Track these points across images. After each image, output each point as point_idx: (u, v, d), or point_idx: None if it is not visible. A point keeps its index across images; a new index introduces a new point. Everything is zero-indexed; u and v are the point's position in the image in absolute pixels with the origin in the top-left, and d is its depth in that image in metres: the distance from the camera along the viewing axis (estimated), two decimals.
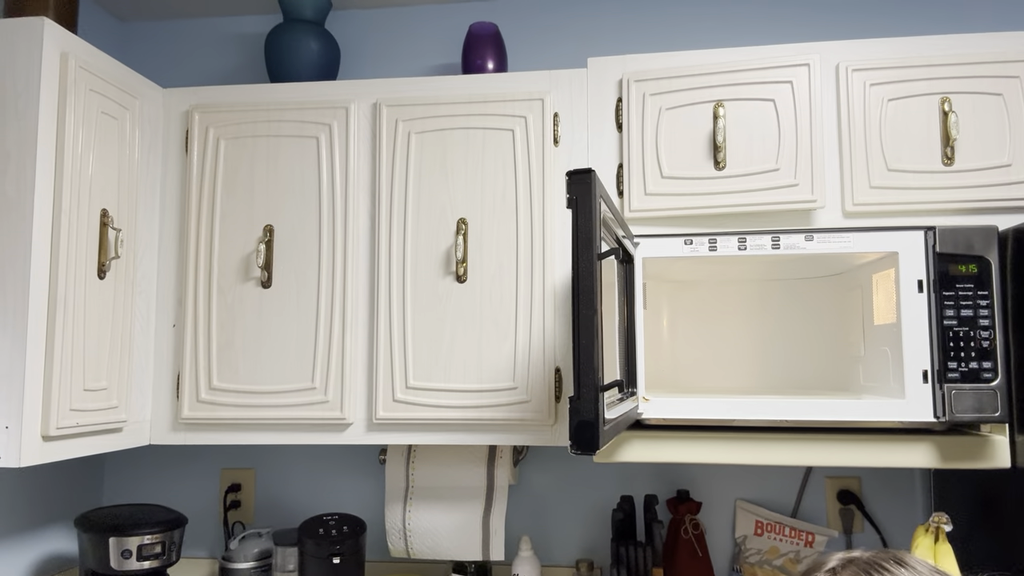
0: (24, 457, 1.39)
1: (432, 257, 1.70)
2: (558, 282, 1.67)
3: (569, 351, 1.66)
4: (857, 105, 1.58)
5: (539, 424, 1.64)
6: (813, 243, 1.47)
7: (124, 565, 1.69)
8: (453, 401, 1.66)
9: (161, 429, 1.76)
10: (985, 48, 1.57)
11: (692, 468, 1.95)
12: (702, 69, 1.63)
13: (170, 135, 1.82)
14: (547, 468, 1.99)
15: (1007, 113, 1.54)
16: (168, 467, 2.12)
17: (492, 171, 1.70)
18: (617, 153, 1.68)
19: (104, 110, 1.60)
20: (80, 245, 1.52)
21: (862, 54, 1.61)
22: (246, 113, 1.78)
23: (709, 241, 1.52)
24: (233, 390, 1.72)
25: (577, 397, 1.12)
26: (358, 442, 1.70)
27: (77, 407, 1.51)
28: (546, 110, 1.69)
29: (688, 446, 1.53)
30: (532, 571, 1.81)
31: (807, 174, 1.57)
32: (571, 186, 1.14)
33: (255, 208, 1.76)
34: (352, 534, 1.79)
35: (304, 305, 1.72)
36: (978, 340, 1.41)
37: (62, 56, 1.49)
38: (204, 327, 1.74)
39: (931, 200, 1.54)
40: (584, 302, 1.12)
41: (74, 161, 1.50)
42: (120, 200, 1.65)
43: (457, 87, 1.75)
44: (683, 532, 1.81)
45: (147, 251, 1.77)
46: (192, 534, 2.10)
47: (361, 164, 1.76)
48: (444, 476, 1.84)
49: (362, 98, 1.78)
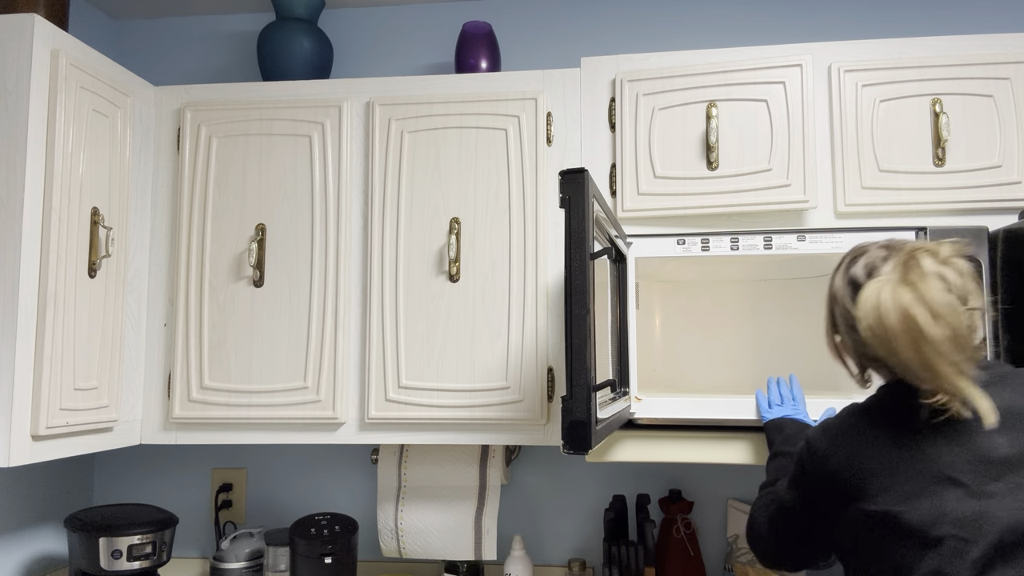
0: (13, 457, 1.38)
1: (425, 256, 1.70)
2: (551, 282, 1.68)
3: (562, 351, 1.66)
4: (849, 106, 1.59)
5: (531, 423, 1.64)
6: (805, 243, 1.48)
7: (114, 565, 1.68)
8: (445, 400, 1.66)
9: (152, 429, 1.75)
10: (976, 50, 1.58)
11: (684, 468, 1.96)
12: (695, 69, 1.63)
13: (162, 133, 1.81)
14: (539, 468, 2.00)
15: (998, 114, 1.54)
16: (159, 467, 2.11)
17: (485, 170, 1.70)
18: (610, 153, 1.68)
19: (95, 108, 1.59)
20: (70, 244, 1.51)
21: (854, 55, 1.61)
22: (238, 111, 1.77)
23: (702, 241, 1.52)
24: (225, 389, 1.71)
25: (569, 396, 1.12)
26: (350, 442, 1.70)
27: (67, 406, 1.50)
28: (539, 110, 1.69)
29: (680, 446, 1.53)
30: (524, 571, 1.81)
31: (799, 174, 1.57)
32: (564, 186, 1.14)
33: (247, 207, 1.75)
34: (344, 534, 1.78)
35: (296, 304, 1.72)
36: None
37: (53, 53, 1.48)
38: (196, 326, 1.73)
39: (922, 201, 1.55)
40: (577, 302, 1.12)
41: (64, 159, 1.49)
42: (111, 198, 1.64)
43: (450, 86, 1.75)
44: (675, 531, 1.81)
45: (138, 250, 1.76)
46: (183, 534, 2.09)
47: (354, 163, 1.76)
48: (436, 476, 1.84)
49: (355, 97, 1.77)
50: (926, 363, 0.98)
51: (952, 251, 1.05)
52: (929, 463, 0.98)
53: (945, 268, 1.02)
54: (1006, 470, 0.96)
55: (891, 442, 1.02)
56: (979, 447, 0.98)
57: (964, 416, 0.99)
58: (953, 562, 0.93)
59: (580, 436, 1.11)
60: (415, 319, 1.68)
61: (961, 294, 1.01)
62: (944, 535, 0.94)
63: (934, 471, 0.98)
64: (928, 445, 0.99)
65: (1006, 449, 0.97)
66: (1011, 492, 0.95)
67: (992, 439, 0.98)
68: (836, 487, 1.05)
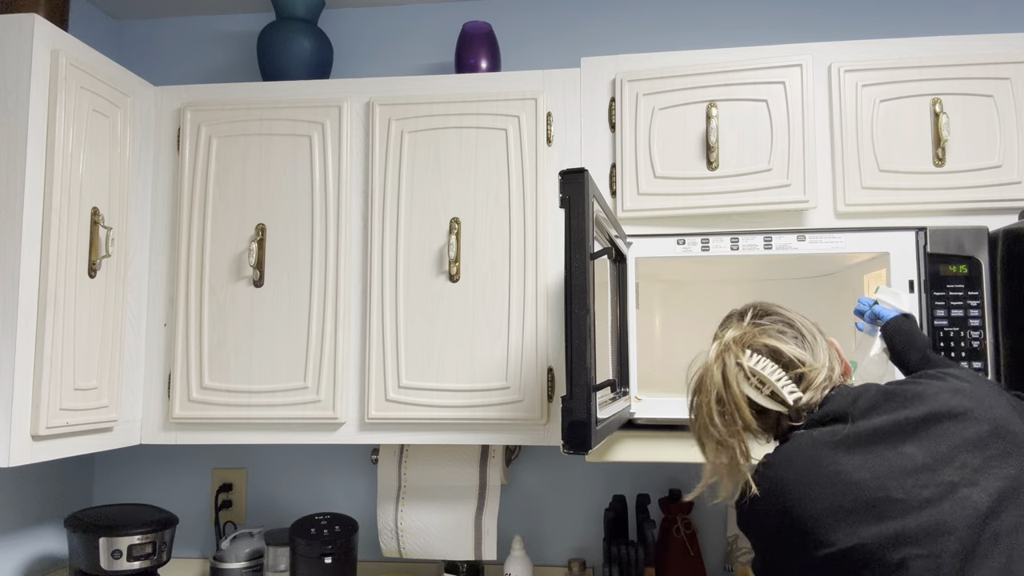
0: (13, 457, 1.38)
1: (425, 256, 1.70)
2: (551, 282, 1.67)
3: (561, 351, 1.66)
4: (849, 106, 1.59)
5: (531, 423, 1.64)
6: (805, 243, 1.48)
7: (114, 565, 1.68)
8: (445, 400, 1.66)
9: (152, 429, 1.75)
10: (976, 50, 1.58)
11: (684, 467, 1.95)
12: (695, 69, 1.63)
13: (162, 133, 1.81)
14: (539, 468, 2.00)
15: (998, 114, 1.54)
16: (159, 467, 2.11)
17: (485, 170, 1.70)
18: (610, 153, 1.68)
19: (95, 108, 1.59)
20: (70, 244, 1.51)
21: (854, 55, 1.61)
22: (238, 111, 1.77)
23: (702, 241, 1.52)
24: (225, 389, 1.71)
25: (569, 397, 1.12)
26: (350, 442, 1.70)
27: (67, 406, 1.50)
28: (539, 110, 1.69)
29: (680, 446, 1.53)
30: (524, 571, 1.81)
31: (799, 174, 1.57)
32: (564, 185, 1.14)
33: (247, 207, 1.75)
34: (344, 534, 1.78)
35: (296, 304, 1.72)
36: (968, 340, 1.42)
37: (53, 53, 1.48)
38: (196, 326, 1.73)
39: (922, 201, 1.55)
40: (577, 302, 1.12)
41: (64, 159, 1.49)
42: (111, 198, 1.64)
43: (450, 86, 1.75)
44: (675, 531, 1.81)
45: (138, 250, 1.76)
46: (183, 534, 2.09)
47: (354, 163, 1.76)
48: (436, 476, 1.84)
49: (355, 97, 1.77)
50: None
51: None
52: (860, 489, 0.96)
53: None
54: (930, 474, 0.94)
55: (817, 482, 0.99)
56: (896, 463, 0.96)
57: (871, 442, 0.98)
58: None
59: (580, 436, 1.11)
60: (415, 319, 1.68)
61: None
62: (905, 556, 0.91)
63: (867, 496, 0.95)
64: (852, 472, 0.97)
65: (921, 457, 0.96)
66: (946, 494, 0.93)
67: (904, 452, 0.96)
68: (785, 539, 1.01)
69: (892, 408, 1.01)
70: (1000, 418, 0.98)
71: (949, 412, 0.99)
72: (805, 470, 1.00)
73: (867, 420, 1.01)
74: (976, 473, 0.94)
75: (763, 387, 1.07)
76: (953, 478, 0.94)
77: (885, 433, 0.98)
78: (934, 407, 0.99)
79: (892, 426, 0.99)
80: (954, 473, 0.95)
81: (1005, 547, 0.91)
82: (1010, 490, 0.94)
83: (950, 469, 0.95)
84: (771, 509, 1.02)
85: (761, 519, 1.03)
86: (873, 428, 0.99)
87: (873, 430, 0.99)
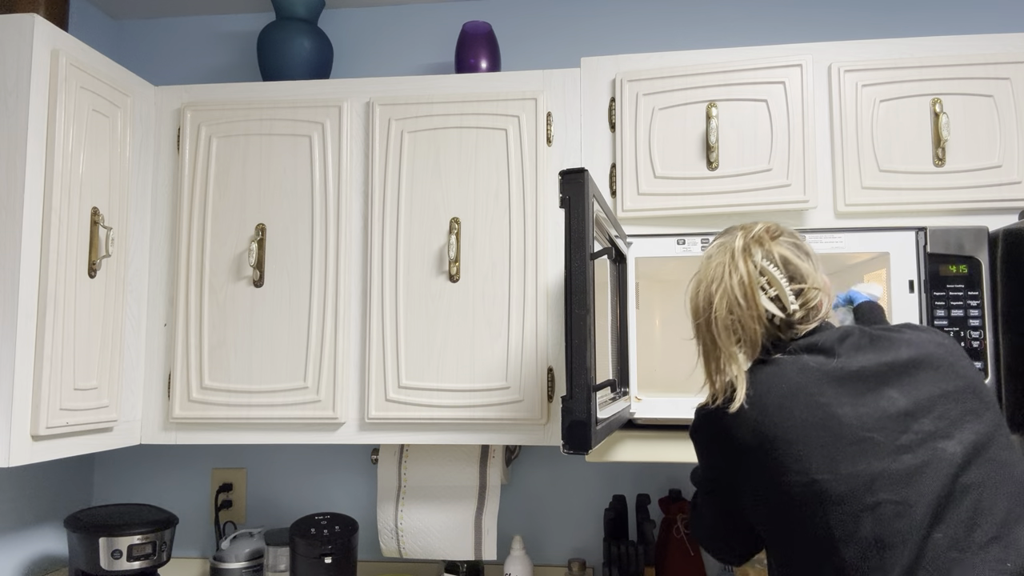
0: (13, 457, 1.38)
1: (425, 256, 1.70)
2: (551, 282, 1.68)
3: (562, 350, 1.66)
4: (849, 106, 1.59)
5: (531, 423, 1.64)
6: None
7: (114, 565, 1.68)
8: (445, 400, 1.66)
9: (152, 429, 1.75)
10: (976, 50, 1.58)
11: (684, 467, 1.95)
12: (695, 69, 1.63)
13: (162, 133, 1.81)
14: (539, 468, 2.00)
15: (998, 114, 1.54)
16: (159, 467, 2.11)
17: (485, 170, 1.70)
18: (610, 153, 1.68)
19: (95, 108, 1.59)
20: (70, 244, 1.51)
21: (854, 55, 1.61)
22: (238, 111, 1.77)
23: (702, 241, 1.52)
24: (225, 389, 1.71)
25: (569, 396, 1.12)
26: (350, 442, 1.70)
27: (67, 406, 1.50)
28: (539, 110, 1.69)
29: (680, 446, 1.53)
30: (524, 571, 1.81)
31: (799, 174, 1.57)
32: (564, 185, 1.14)
33: (247, 207, 1.75)
34: (344, 534, 1.78)
35: (296, 304, 1.72)
36: (968, 340, 1.42)
37: (52, 53, 1.48)
38: (196, 326, 1.73)
39: (922, 201, 1.55)
40: (576, 302, 1.12)
41: (64, 159, 1.49)
42: (111, 198, 1.64)
43: (450, 86, 1.75)
44: (675, 531, 1.81)
45: (138, 250, 1.76)
46: (183, 534, 2.09)
47: (354, 163, 1.76)
48: (436, 476, 1.84)
49: (355, 97, 1.77)
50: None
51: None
52: (841, 425, 0.97)
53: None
54: (910, 421, 0.96)
55: (799, 406, 1.00)
56: (879, 404, 0.98)
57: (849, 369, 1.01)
58: (894, 525, 0.91)
59: (580, 436, 1.11)
60: (415, 319, 1.68)
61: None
62: (880, 500, 0.92)
63: (848, 434, 0.96)
64: (836, 406, 0.98)
65: (903, 402, 0.98)
66: (923, 443, 0.95)
67: (886, 395, 0.98)
68: (750, 458, 1.01)
69: (878, 350, 1.03)
70: (974, 377, 1.02)
71: (932, 362, 1.01)
72: (789, 393, 1.01)
73: (852, 358, 1.02)
74: (952, 426, 0.97)
75: (769, 288, 1.09)
76: (930, 428, 0.96)
77: (870, 374, 1.00)
78: (918, 354, 1.02)
79: (877, 367, 1.01)
80: (932, 423, 0.97)
81: (972, 500, 0.93)
82: (980, 445, 0.96)
83: (929, 419, 0.97)
84: (743, 424, 1.03)
85: (729, 431, 1.04)
86: (859, 366, 1.01)
87: (859, 368, 1.01)
